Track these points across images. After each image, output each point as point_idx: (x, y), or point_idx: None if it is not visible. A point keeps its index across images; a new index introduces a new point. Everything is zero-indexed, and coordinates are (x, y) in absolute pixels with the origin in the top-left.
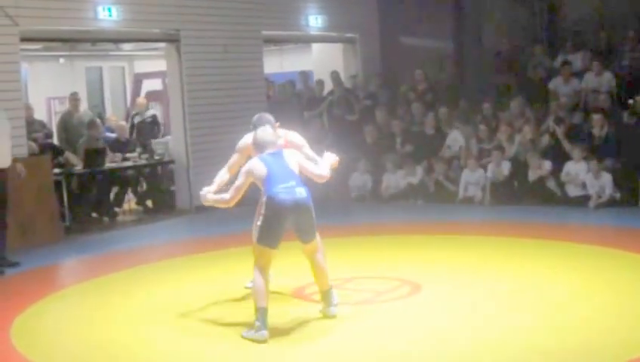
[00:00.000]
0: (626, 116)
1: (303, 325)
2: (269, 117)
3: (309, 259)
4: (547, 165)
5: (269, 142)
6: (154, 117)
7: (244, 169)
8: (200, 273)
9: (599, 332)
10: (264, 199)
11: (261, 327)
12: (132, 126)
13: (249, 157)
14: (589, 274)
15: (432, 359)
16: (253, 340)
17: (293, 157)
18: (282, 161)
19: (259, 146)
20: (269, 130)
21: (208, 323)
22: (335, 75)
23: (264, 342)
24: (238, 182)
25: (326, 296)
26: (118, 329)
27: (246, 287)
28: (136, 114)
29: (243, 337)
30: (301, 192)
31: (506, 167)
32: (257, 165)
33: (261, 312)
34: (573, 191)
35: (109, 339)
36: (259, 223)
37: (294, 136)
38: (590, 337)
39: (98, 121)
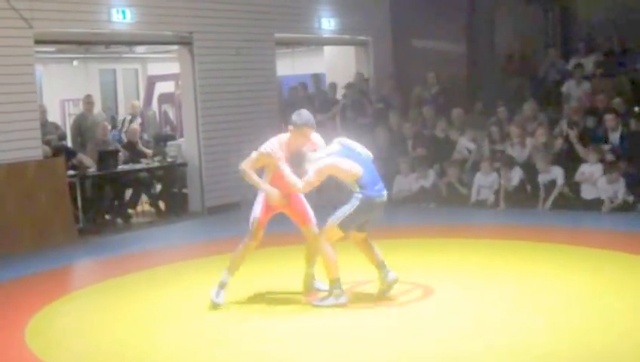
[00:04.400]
0: (633, 123)
1: (313, 327)
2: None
3: (363, 243)
4: (558, 172)
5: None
6: None
7: (326, 165)
8: (211, 275)
9: (615, 336)
10: (360, 195)
11: (341, 294)
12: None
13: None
14: (603, 278)
15: None
16: (334, 306)
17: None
18: (369, 163)
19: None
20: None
21: (219, 326)
22: (359, 77)
23: (345, 306)
24: (313, 179)
25: (381, 266)
26: (131, 331)
27: (317, 289)
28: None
29: (316, 306)
30: (385, 194)
31: (516, 176)
32: (349, 164)
33: (337, 282)
34: (587, 193)
35: (122, 341)
36: (349, 211)
37: (317, 138)
38: (605, 341)
39: (104, 123)
